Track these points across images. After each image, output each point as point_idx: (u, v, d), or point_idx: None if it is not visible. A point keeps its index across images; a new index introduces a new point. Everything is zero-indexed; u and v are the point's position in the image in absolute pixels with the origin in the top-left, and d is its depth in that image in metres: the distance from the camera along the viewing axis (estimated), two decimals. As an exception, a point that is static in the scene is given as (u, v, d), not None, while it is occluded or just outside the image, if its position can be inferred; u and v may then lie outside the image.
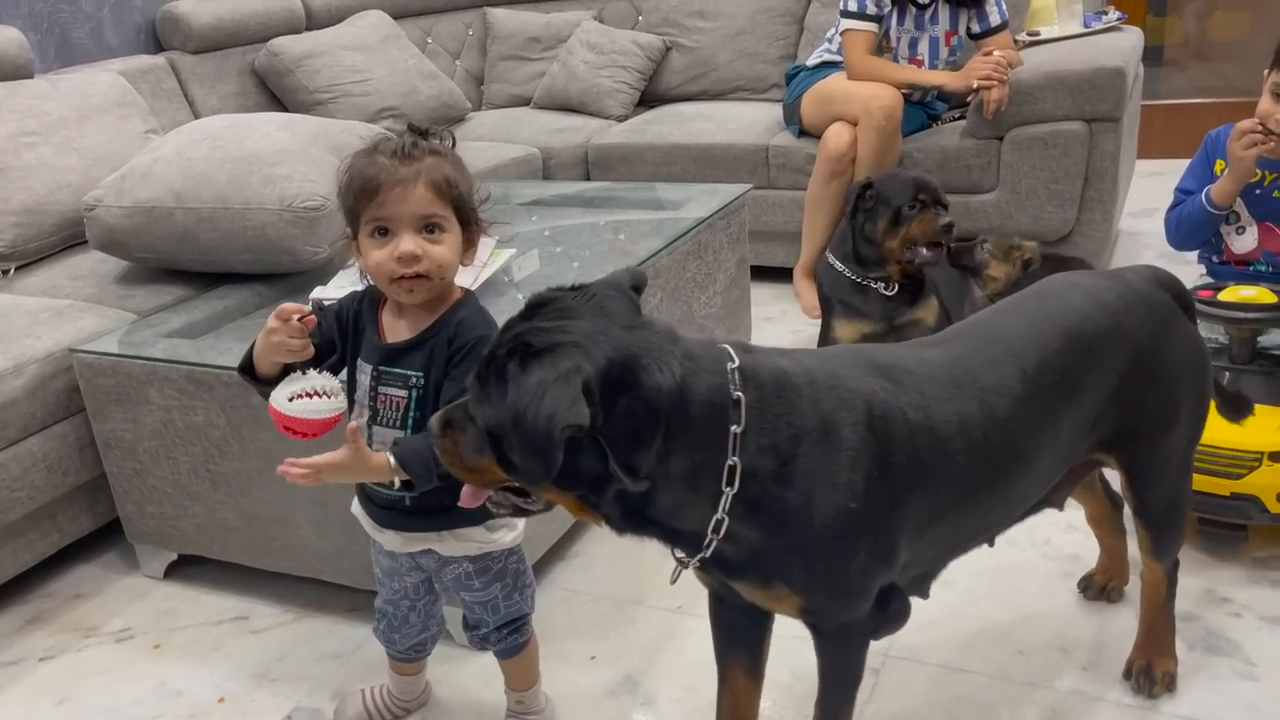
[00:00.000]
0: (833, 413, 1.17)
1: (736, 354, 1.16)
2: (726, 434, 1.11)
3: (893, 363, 1.26)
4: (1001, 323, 1.38)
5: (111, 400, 2.03)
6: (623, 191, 3.09)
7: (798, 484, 1.15)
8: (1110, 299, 1.40)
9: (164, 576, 2.18)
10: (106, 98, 2.85)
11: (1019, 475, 1.32)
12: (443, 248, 1.35)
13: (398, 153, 1.33)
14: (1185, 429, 1.49)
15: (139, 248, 2.36)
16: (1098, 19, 3.42)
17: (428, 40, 4.17)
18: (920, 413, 1.22)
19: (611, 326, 1.09)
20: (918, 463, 1.21)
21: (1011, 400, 1.28)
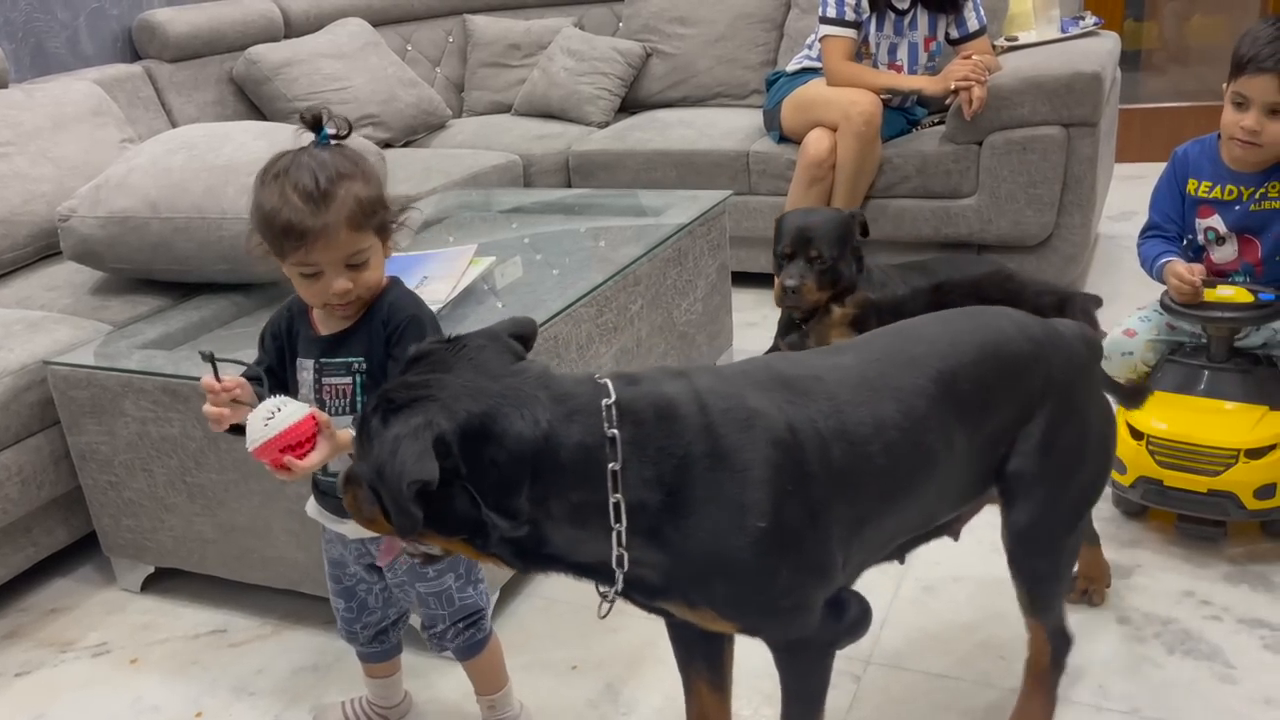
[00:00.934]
0: (727, 435, 1.14)
1: (617, 388, 1.15)
2: (603, 472, 1.11)
3: (800, 373, 1.24)
4: (924, 328, 1.37)
5: (86, 412, 2.01)
6: (603, 198, 3.09)
7: (696, 511, 1.13)
8: (1036, 331, 1.38)
9: (141, 590, 2.16)
10: (82, 107, 2.83)
11: (933, 477, 1.29)
12: (371, 273, 1.37)
13: (312, 196, 1.29)
14: (1079, 488, 1.42)
15: (114, 258, 2.34)
16: (1075, 24, 3.44)
17: (407, 47, 4.16)
18: (832, 419, 1.20)
19: (478, 378, 1.12)
20: (835, 470, 1.19)
21: (928, 401, 1.26)
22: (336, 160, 1.33)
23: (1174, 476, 1.90)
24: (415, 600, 1.56)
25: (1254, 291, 1.93)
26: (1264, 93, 1.85)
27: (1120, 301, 3.06)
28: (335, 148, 1.36)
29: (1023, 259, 3.09)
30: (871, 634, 1.81)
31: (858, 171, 3.11)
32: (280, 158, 1.35)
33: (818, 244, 2.50)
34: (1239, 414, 1.90)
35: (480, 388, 1.11)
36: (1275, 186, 1.94)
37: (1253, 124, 1.88)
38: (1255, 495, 1.86)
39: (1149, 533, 2.04)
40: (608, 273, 2.22)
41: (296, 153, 1.35)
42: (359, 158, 1.36)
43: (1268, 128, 1.88)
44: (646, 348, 2.39)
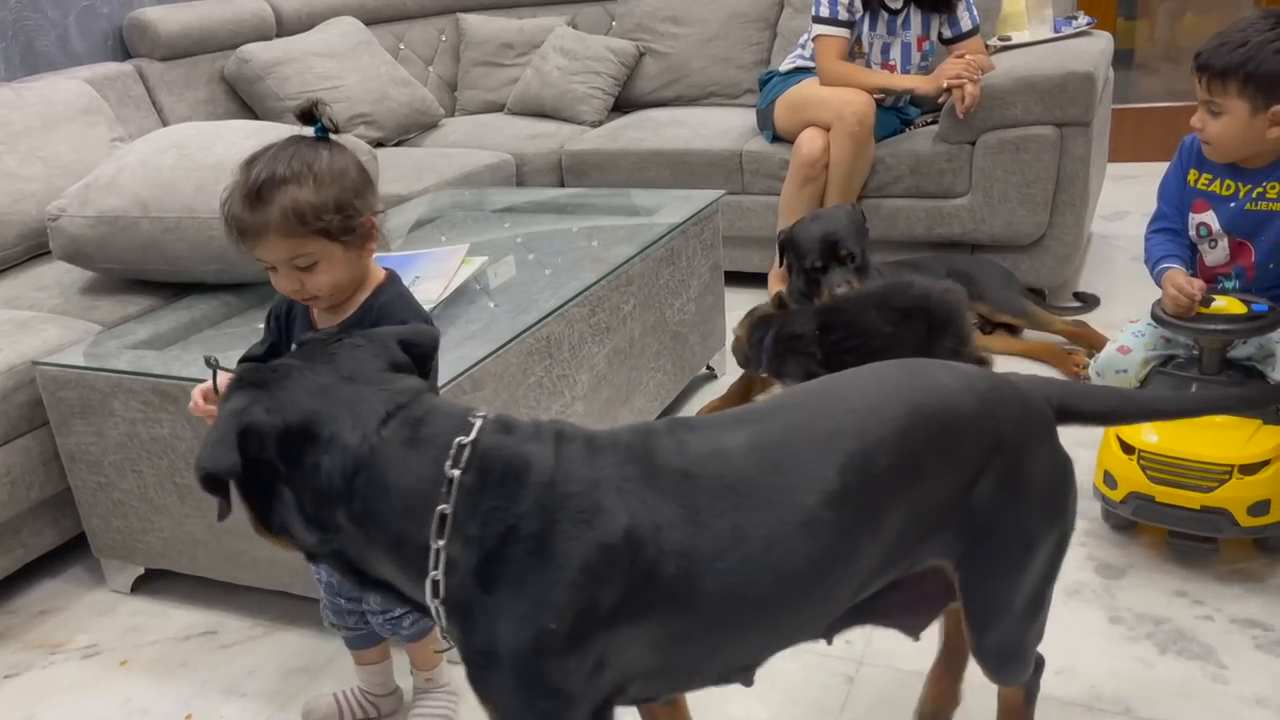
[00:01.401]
0: (560, 524, 1.04)
1: (483, 430, 1.08)
2: (430, 512, 1.05)
3: (674, 464, 1.09)
4: (849, 390, 1.19)
5: (76, 413, 2.00)
6: (596, 198, 3.08)
7: (498, 591, 1.05)
8: (983, 385, 1.20)
9: (131, 591, 2.15)
10: (72, 106, 2.82)
11: (820, 581, 1.13)
12: (321, 276, 1.38)
13: (250, 193, 1.33)
14: (1039, 559, 1.25)
15: (104, 258, 2.33)
16: (1068, 24, 3.44)
17: (400, 46, 4.15)
18: (680, 530, 1.06)
19: (330, 377, 1.09)
20: (659, 588, 1.06)
21: (823, 498, 1.09)
22: (290, 163, 1.34)
23: (1165, 492, 1.86)
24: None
25: (1247, 302, 1.88)
26: (1199, 92, 1.86)
27: (1114, 302, 3.07)
28: (309, 147, 1.37)
29: (1016, 258, 3.10)
30: (864, 634, 1.81)
31: (851, 171, 3.10)
32: (266, 147, 1.38)
33: (845, 244, 2.52)
34: (1231, 429, 1.86)
35: (325, 387, 1.08)
36: (1274, 187, 1.90)
37: (1196, 121, 1.89)
38: (1248, 512, 1.82)
39: (1140, 531, 2.04)
40: (600, 272, 2.22)
41: (276, 147, 1.37)
42: (321, 160, 1.35)
43: (1208, 124, 1.87)
44: (639, 348, 2.38)
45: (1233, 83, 1.80)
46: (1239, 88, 1.80)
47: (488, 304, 2.11)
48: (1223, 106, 1.83)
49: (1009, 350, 2.86)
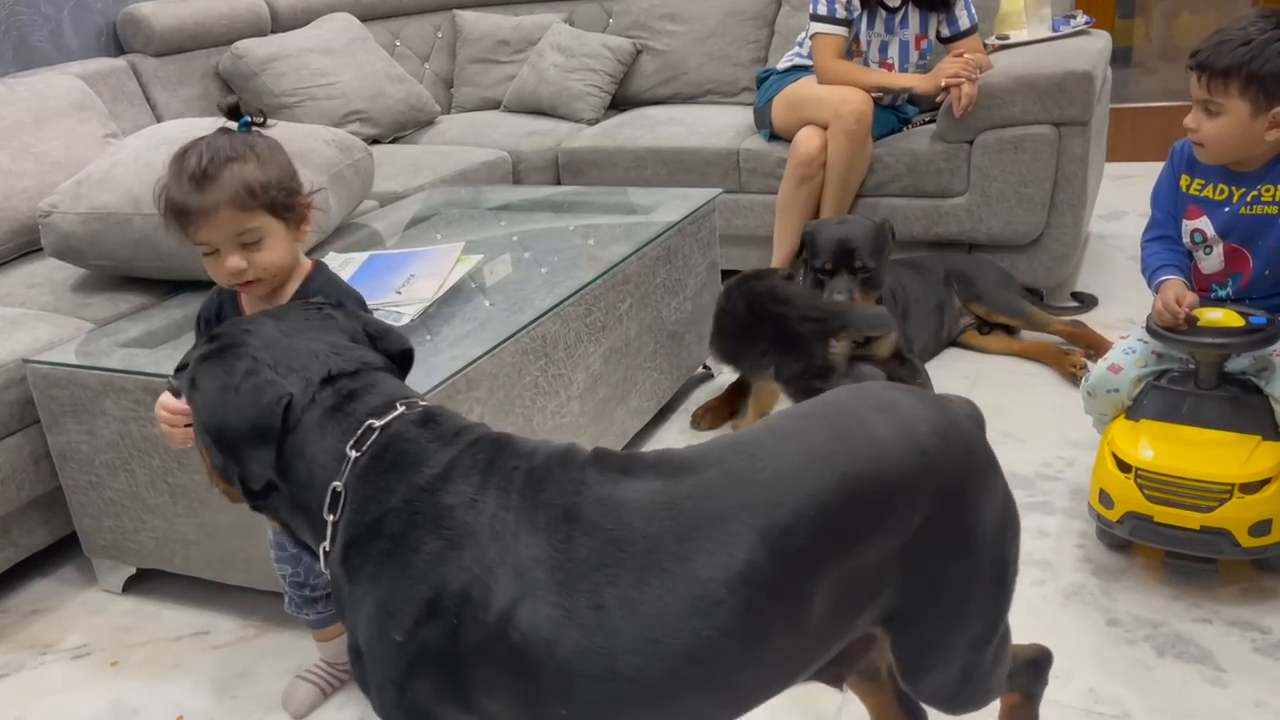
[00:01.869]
0: (420, 532, 1.00)
1: (404, 419, 1.07)
2: (326, 486, 1.06)
3: (561, 504, 1.01)
4: (770, 455, 1.05)
5: (67, 412, 1.98)
6: (593, 196, 3.07)
7: (357, 581, 1.04)
8: (925, 431, 1.08)
9: (122, 591, 2.13)
10: (65, 101, 2.80)
11: (708, 675, 0.99)
12: (266, 253, 1.44)
13: (195, 175, 1.38)
14: (979, 602, 1.14)
15: (95, 255, 2.31)
16: (1066, 23, 3.43)
17: (396, 43, 4.13)
18: (545, 576, 0.98)
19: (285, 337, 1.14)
20: (511, 644, 0.98)
21: (720, 573, 0.97)
22: (230, 144, 1.41)
23: (1164, 512, 1.80)
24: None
25: (1244, 315, 1.82)
26: (1193, 88, 1.82)
27: (1112, 302, 3.06)
28: (245, 134, 1.44)
29: (1014, 258, 3.09)
30: (861, 637, 1.80)
31: (849, 170, 3.09)
32: (192, 142, 1.43)
33: (860, 254, 2.51)
34: (1231, 446, 1.80)
35: (278, 340, 1.13)
36: (1269, 190, 1.85)
37: (1190, 121, 1.84)
38: (1250, 532, 1.76)
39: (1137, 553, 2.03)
40: (596, 271, 2.20)
41: (204, 138, 1.43)
42: (258, 142, 1.44)
43: (1203, 125, 1.83)
44: (635, 347, 2.37)
45: (1234, 82, 1.76)
46: (1240, 87, 1.76)
47: (483, 303, 2.10)
48: (1222, 106, 1.79)
49: (1006, 351, 2.86)
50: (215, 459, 1.12)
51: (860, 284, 2.54)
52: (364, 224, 2.73)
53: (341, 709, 1.77)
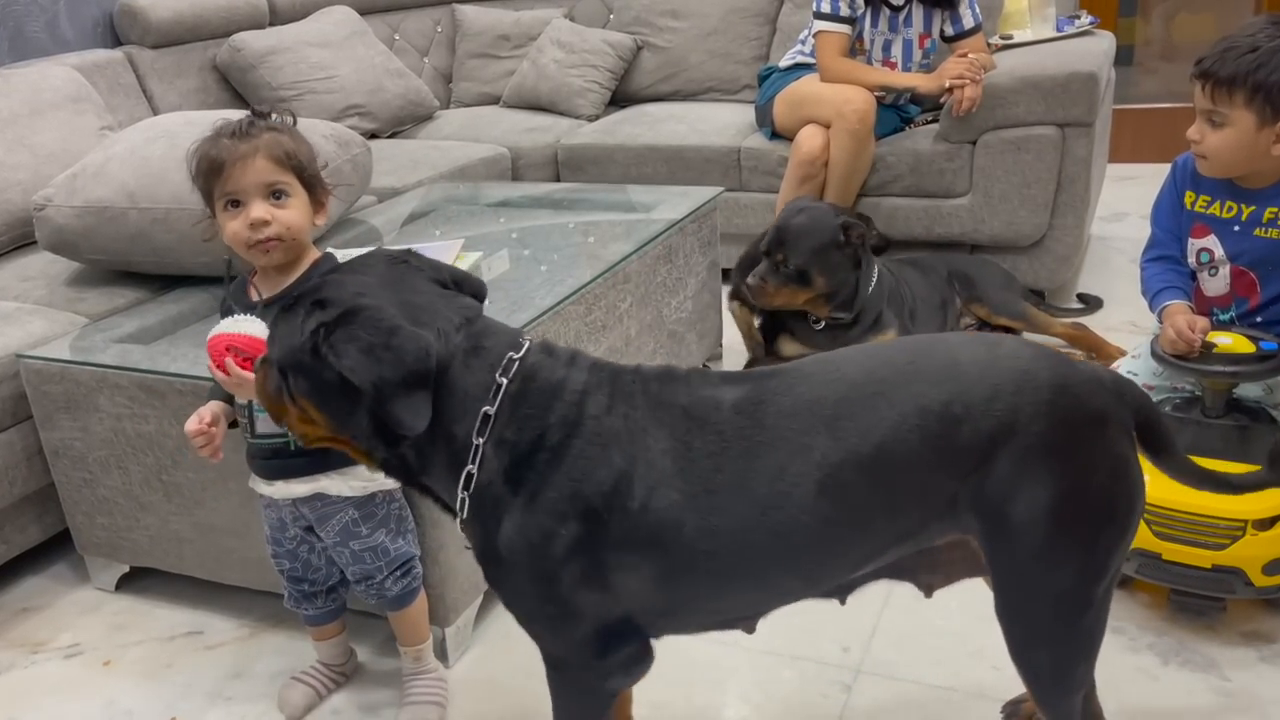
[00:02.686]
0: (578, 440, 1.16)
1: (533, 351, 1.22)
2: (478, 413, 1.17)
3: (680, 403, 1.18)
4: (846, 360, 1.20)
5: (60, 408, 1.96)
6: (592, 193, 3.05)
7: (520, 490, 1.17)
8: (1015, 368, 1.14)
9: (115, 589, 2.11)
10: (60, 93, 2.77)
11: (803, 545, 1.16)
12: (290, 211, 1.49)
13: (236, 133, 1.48)
14: (1068, 556, 1.17)
15: (90, 249, 2.29)
16: (1070, 23, 3.41)
17: (395, 37, 4.10)
18: (671, 463, 1.15)
19: (405, 293, 1.21)
20: (650, 520, 1.15)
21: (803, 461, 1.13)
22: (270, 121, 1.52)
23: (1173, 550, 1.71)
24: (349, 559, 1.61)
25: (1254, 340, 1.74)
26: (1197, 97, 1.74)
27: (1113, 304, 3.04)
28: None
29: (1016, 259, 3.07)
30: (862, 642, 1.78)
31: (851, 170, 3.07)
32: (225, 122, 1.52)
33: (787, 248, 2.50)
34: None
35: (405, 300, 1.20)
36: (1272, 211, 1.77)
37: (1193, 132, 1.76)
38: (1263, 570, 1.68)
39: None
40: (597, 270, 2.18)
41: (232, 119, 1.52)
42: (294, 130, 1.53)
43: (1206, 136, 1.75)
44: (636, 346, 2.35)
45: (1240, 92, 1.68)
46: (1246, 97, 1.68)
47: (482, 301, 2.08)
48: (1226, 117, 1.71)
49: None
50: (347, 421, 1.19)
51: (780, 276, 2.52)
52: (362, 219, 2.71)
53: (337, 713, 1.75)
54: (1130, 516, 1.20)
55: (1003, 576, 1.21)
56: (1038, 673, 1.27)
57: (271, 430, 1.51)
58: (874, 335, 2.60)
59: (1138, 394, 1.24)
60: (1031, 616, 1.22)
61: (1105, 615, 1.24)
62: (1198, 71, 1.74)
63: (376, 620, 1.84)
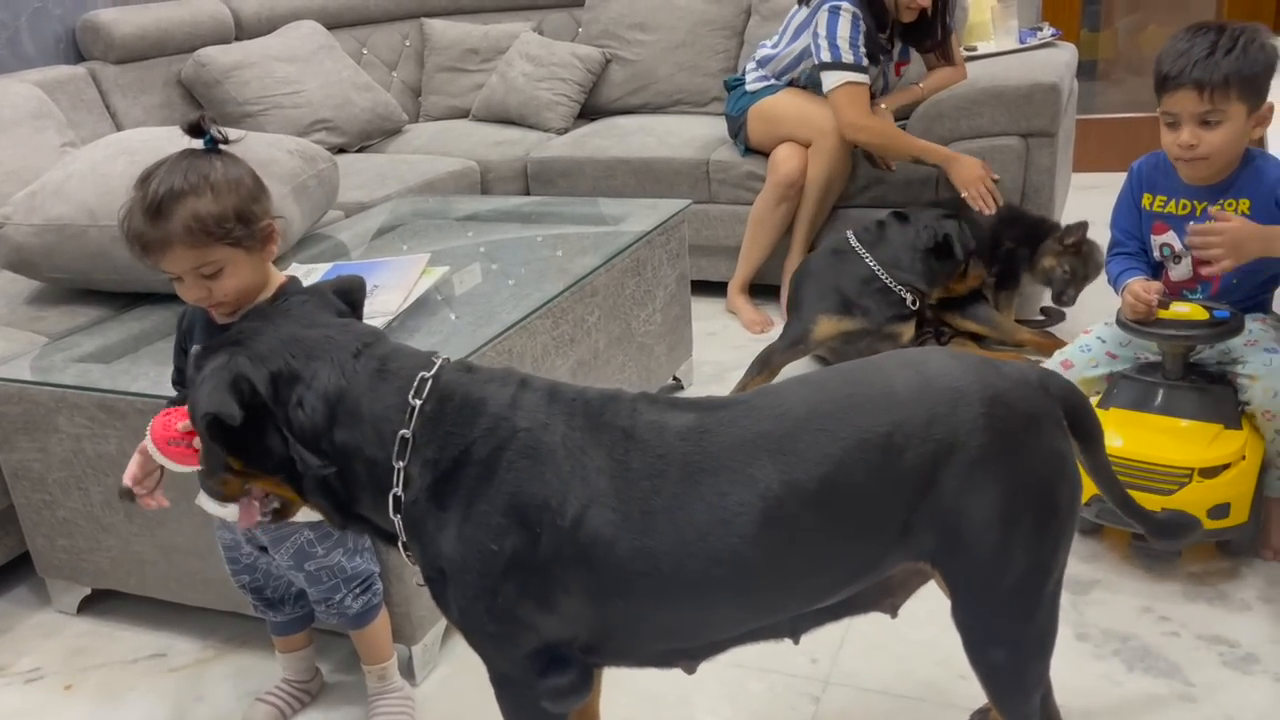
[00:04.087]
0: (507, 453, 1.15)
1: (444, 369, 1.20)
2: (394, 437, 1.16)
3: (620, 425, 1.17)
4: (789, 394, 1.20)
5: (19, 429, 1.93)
6: (561, 206, 3.05)
7: (449, 506, 1.16)
8: (945, 385, 1.16)
9: (77, 612, 2.08)
10: (20, 110, 2.74)
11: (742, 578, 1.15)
12: (227, 280, 1.42)
13: (150, 208, 1.36)
14: (1018, 558, 1.19)
15: (51, 267, 2.26)
16: (1033, 34, 3.45)
17: (363, 51, 4.09)
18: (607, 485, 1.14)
19: (294, 327, 1.21)
20: (583, 538, 1.13)
21: (745, 492, 1.12)
22: (187, 176, 1.38)
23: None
24: (305, 581, 1.61)
25: (1209, 308, 1.90)
26: (1188, 105, 1.82)
27: (1080, 312, 3.06)
28: (202, 159, 1.40)
29: (982, 269, 3.09)
30: (830, 653, 1.79)
31: (827, 189, 3.08)
32: (159, 163, 1.41)
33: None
34: (1193, 432, 1.88)
35: (294, 335, 1.20)
36: (1231, 204, 1.88)
37: (1188, 138, 1.84)
38: (1209, 515, 1.83)
39: (1106, 548, 2.03)
40: (564, 283, 2.18)
41: (169, 161, 1.40)
42: (215, 170, 1.40)
43: (1204, 138, 1.83)
44: (604, 359, 2.34)
45: (1233, 88, 1.79)
46: (1239, 92, 1.80)
47: (449, 315, 2.07)
48: (1224, 114, 1.81)
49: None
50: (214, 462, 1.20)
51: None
52: (329, 234, 2.69)
53: (302, 732, 1.73)
54: (1072, 506, 1.23)
55: (958, 584, 1.23)
56: (995, 673, 1.28)
57: None
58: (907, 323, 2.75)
59: (1064, 386, 1.26)
60: (986, 618, 1.24)
61: (1056, 614, 1.27)
62: (1188, 81, 1.81)
63: (341, 638, 1.82)
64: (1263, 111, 1.83)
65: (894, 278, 2.70)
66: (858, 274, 2.72)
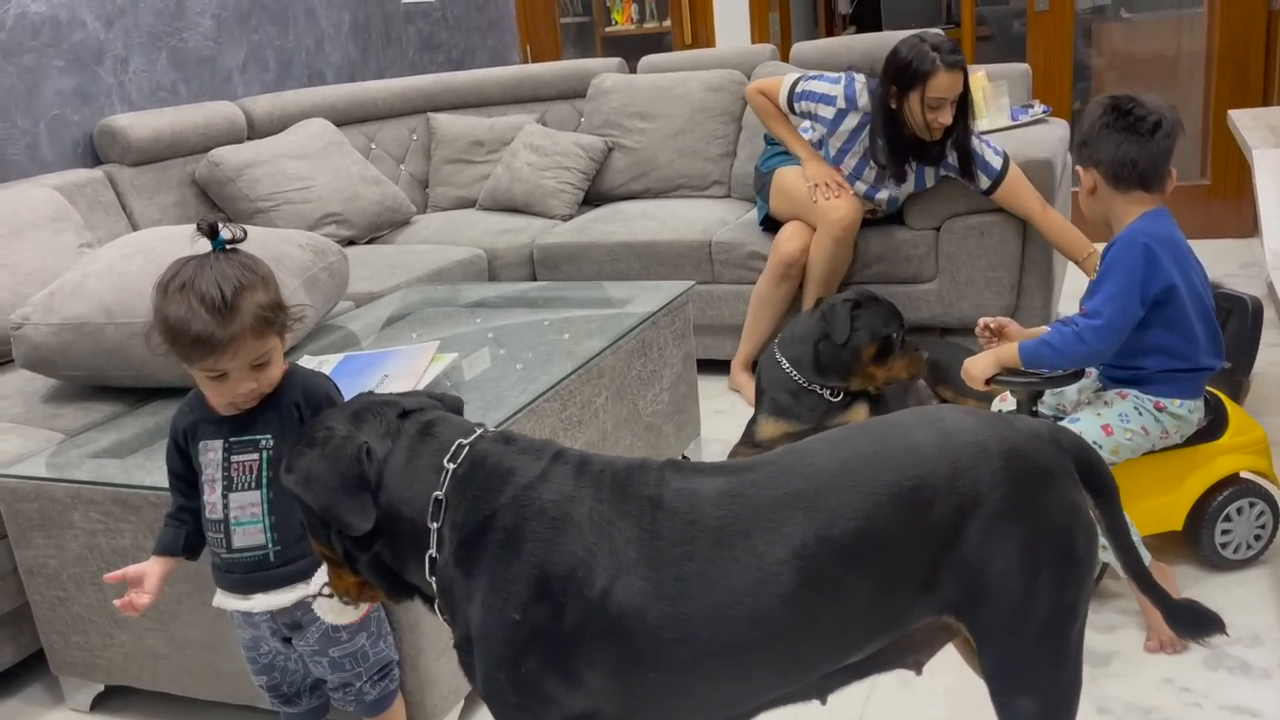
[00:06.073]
0: (531, 523, 1.17)
1: (486, 439, 1.25)
2: (428, 499, 1.20)
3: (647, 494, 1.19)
4: (818, 453, 1.23)
5: (35, 525, 1.95)
6: (567, 290, 3.09)
7: (474, 574, 1.19)
8: (964, 440, 1.20)
9: (90, 709, 2.07)
10: (39, 213, 2.82)
11: (777, 638, 1.16)
12: (272, 370, 1.47)
13: (218, 308, 1.38)
14: (1043, 608, 1.22)
15: (68, 365, 2.30)
16: (1024, 112, 3.53)
17: (372, 146, 4.20)
18: (636, 553, 1.15)
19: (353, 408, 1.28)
20: (611, 610, 1.14)
21: (778, 550, 1.14)
22: (236, 270, 1.41)
23: None
24: (327, 667, 1.61)
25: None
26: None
27: (1084, 381, 3.08)
28: (231, 255, 1.44)
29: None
30: (858, 697, 1.78)
31: (830, 272, 3.12)
32: (182, 267, 1.43)
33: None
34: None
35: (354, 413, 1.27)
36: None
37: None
38: None
39: (1126, 616, 2.01)
40: (572, 365, 2.21)
41: (198, 262, 1.42)
42: (255, 264, 1.45)
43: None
44: (613, 440, 2.36)
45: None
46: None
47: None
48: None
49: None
50: (315, 528, 1.26)
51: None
52: (340, 325, 2.74)
53: (316, 829, 1.71)
54: (1090, 552, 1.26)
55: (983, 635, 1.24)
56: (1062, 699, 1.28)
57: (250, 544, 1.51)
58: (853, 409, 2.68)
59: (1075, 440, 1.30)
60: (1013, 667, 1.25)
61: (1079, 665, 1.28)
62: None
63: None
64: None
65: (803, 375, 2.64)
66: (780, 377, 2.68)
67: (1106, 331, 1.91)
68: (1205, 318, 1.97)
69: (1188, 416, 1.99)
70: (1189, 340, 1.95)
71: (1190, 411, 1.99)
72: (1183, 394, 1.98)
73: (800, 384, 2.65)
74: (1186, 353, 1.96)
